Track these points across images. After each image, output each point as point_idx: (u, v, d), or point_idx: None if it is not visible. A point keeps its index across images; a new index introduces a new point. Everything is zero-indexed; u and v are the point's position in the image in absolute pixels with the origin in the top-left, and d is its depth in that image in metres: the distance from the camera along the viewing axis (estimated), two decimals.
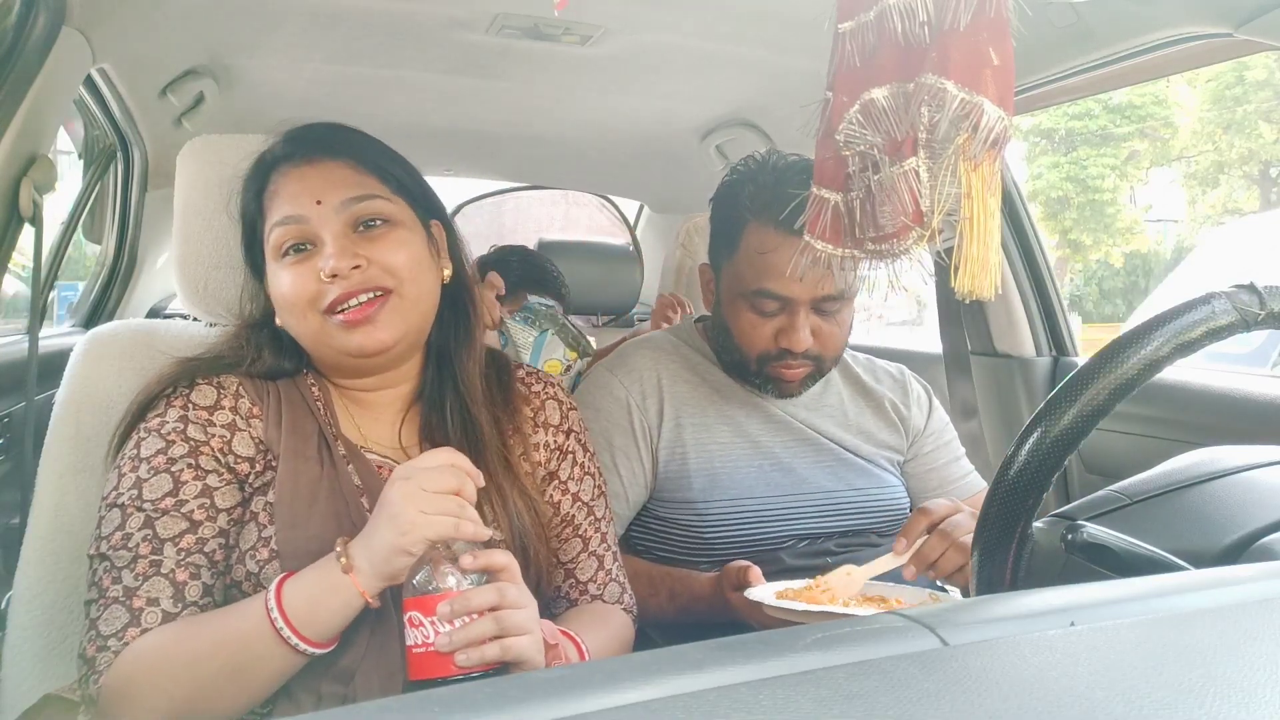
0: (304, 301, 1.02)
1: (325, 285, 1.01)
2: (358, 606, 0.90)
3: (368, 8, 1.65)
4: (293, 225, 1.04)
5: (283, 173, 1.07)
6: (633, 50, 1.82)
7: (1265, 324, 0.75)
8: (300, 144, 1.08)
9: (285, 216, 1.04)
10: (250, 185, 1.10)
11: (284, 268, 1.04)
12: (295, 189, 1.05)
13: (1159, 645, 0.49)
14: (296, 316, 1.04)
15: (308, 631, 0.89)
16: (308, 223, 1.03)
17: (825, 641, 0.48)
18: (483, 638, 0.87)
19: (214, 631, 0.93)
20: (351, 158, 1.07)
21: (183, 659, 0.91)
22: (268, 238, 1.06)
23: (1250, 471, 0.86)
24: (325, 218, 1.03)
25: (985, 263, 0.79)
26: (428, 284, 1.08)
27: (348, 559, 0.90)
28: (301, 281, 1.02)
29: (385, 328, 1.03)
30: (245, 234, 1.11)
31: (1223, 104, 16.26)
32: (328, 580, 0.90)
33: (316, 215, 1.03)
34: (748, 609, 1.22)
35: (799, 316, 1.40)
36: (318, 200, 1.03)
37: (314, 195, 1.03)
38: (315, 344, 1.06)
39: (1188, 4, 1.34)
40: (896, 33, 0.80)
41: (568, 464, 1.19)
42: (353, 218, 1.04)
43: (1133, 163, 17.62)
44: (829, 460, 1.52)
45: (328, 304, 1.01)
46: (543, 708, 0.40)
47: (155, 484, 0.99)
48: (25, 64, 1.26)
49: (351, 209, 1.04)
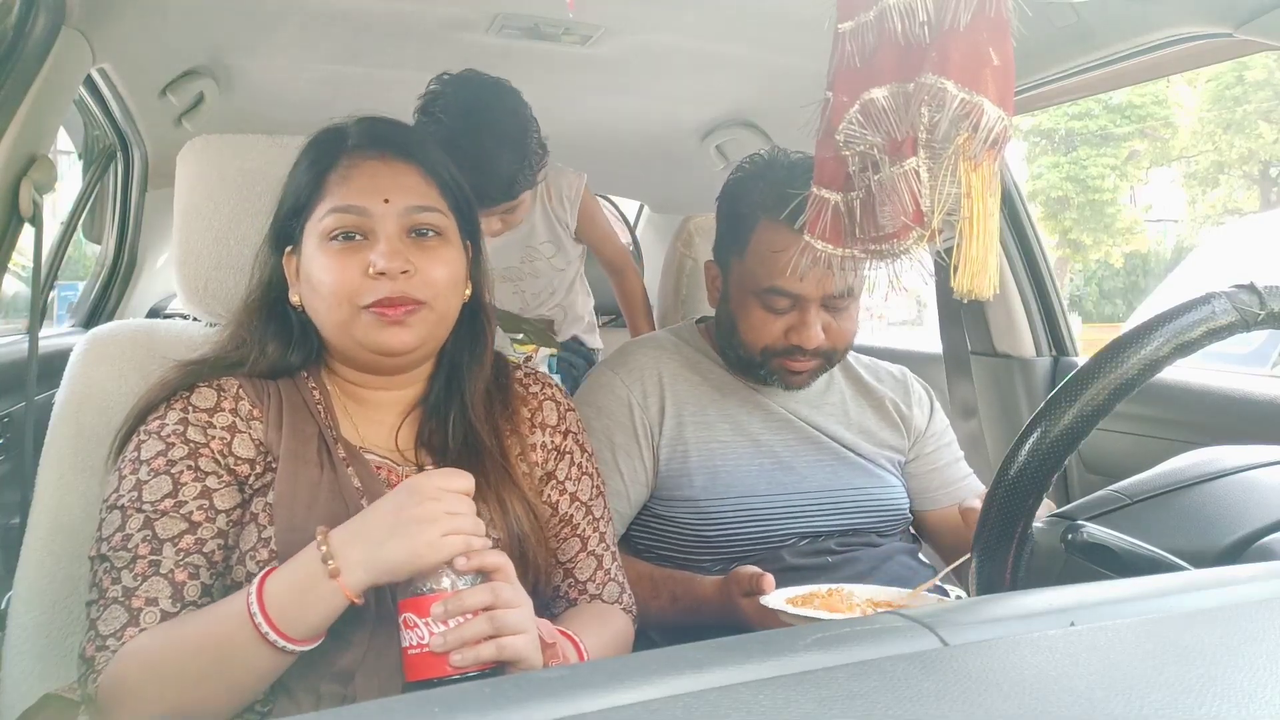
0: (344, 290, 1.02)
1: (370, 281, 1.02)
2: (342, 605, 0.89)
3: (368, 8, 1.65)
4: (353, 215, 1.04)
5: (355, 161, 1.07)
6: (633, 50, 1.82)
7: (1265, 324, 0.75)
8: (377, 138, 1.09)
9: (349, 205, 1.04)
10: (314, 159, 1.09)
11: (329, 252, 1.04)
12: (365, 182, 1.05)
13: (1159, 645, 0.49)
14: (329, 302, 1.04)
15: (291, 630, 0.88)
16: (369, 216, 1.04)
17: (825, 641, 0.48)
18: (477, 637, 0.87)
19: (199, 631, 0.92)
20: (421, 164, 1.09)
21: (171, 658, 0.91)
22: (318, 217, 1.06)
23: (1250, 471, 0.87)
24: (387, 216, 1.04)
25: (985, 263, 0.79)
26: (455, 302, 1.10)
27: (335, 561, 0.88)
28: (346, 271, 1.03)
29: (412, 333, 1.04)
30: (287, 202, 1.10)
31: (1223, 104, 16.26)
32: (311, 580, 0.89)
33: (380, 211, 1.04)
34: (759, 615, 1.22)
35: (810, 314, 1.40)
36: (385, 199, 1.04)
37: (382, 193, 1.04)
38: (338, 333, 1.06)
39: (1188, 4, 1.34)
40: (896, 33, 0.80)
41: (565, 464, 1.20)
42: (411, 224, 1.05)
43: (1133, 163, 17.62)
44: (830, 459, 1.52)
45: (369, 301, 1.02)
46: (543, 708, 0.40)
47: (155, 486, 0.99)
48: (25, 64, 1.26)
49: (413, 216, 1.05)
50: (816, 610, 1.14)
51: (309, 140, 1.12)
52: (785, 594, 1.21)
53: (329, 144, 1.10)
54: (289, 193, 1.10)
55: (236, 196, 1.21)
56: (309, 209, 1.07)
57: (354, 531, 0.90)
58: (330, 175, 1.07)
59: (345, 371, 1.12)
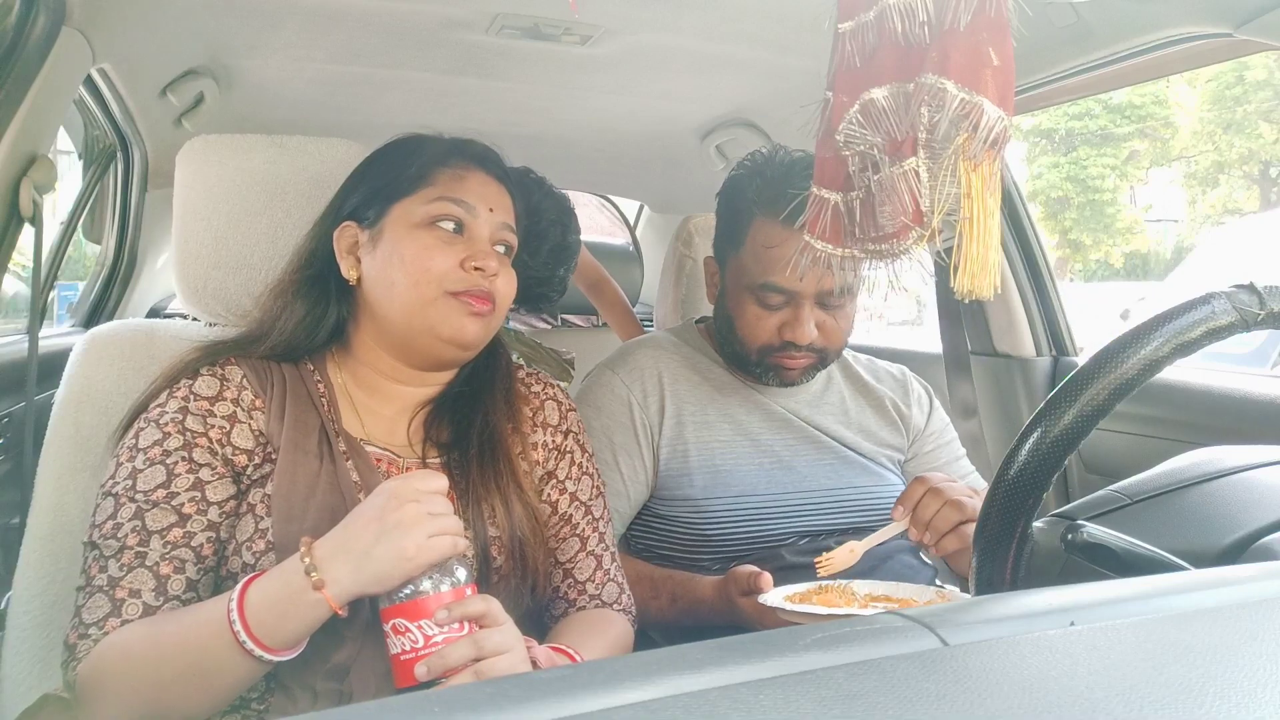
0: (436, 272, 1.07)
1: (462, 272, 1.08)
2: (324, 616, 0.89)
3: (368, 8, 1.65)
4: (462, 209, 1.11)
5: (469, 167, 1.15)
6: (633, 50, 1.82)
7: (1265, 324, 0.75)
8: (486, 158, 1.18)
9: (459, 199, 1.11)
10: (430, 156, 1.15)
11: (428, 234, 1.09)
12: (478, 189, 1.14)
13: (1159, 645, 0.49)
14: (416, 279, 1.07)
15: (269, 640, 0.88)
16: (473, 216, 1.12)
17: (825, 641, 0.48)
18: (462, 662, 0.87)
19: (179, 633, 0.92)
20: (513, 192, 1.19)
21: (150, 657, 0.91)
22: (422, 201, 1.11)
23: (1250, 471, 0.86)
24: (485, 223, 1.13)
25: (985, 262, 0.78)
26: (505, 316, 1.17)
27: (318, 574, 0.87)
28: (444, 256, 1.08)
29: (484, 328, 1.11)
30: (374, 181, 1.14)
31: (1223, 104, 16.26)
32: (293, 592, 0.88)
33: (483, 217, 1.13)
34: (758, 614, 1.22)
35: (804, 310, 1.41)
36: (490, 208, 1.13)
37: (489, 203, 1.13)
38: (412, 312, 1.08)
39: (1188, 4, 1.34)
40: (896, 33, 0.80)
41: (565, 463, 1.20)
42: (498, 238, 1.15)
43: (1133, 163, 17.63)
44: (830, 458, 1.52)
45: (459, 288, 1.08)
46: (543, 708, 0.40)
47: (149, 475, 0.99)
48: (25, 64, 1.26)
49: (501, 232, 1.15)
50: (814, 606, 1.14)
51: (397, 139, 1.18)
52: (783, 592, 1.21)
53: (446, 147, 1.17)
54: (378, 173, 1.15)
55: (236, 196, 1.21)
56: (409, 193, 1.11)
57: (338, 542, 0.90)
58: (441, 170, 1.13)
59: (373, 359, 1.13)
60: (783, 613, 1.14)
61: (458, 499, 1.07)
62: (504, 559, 1.07)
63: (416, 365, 1.13)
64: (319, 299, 1.13)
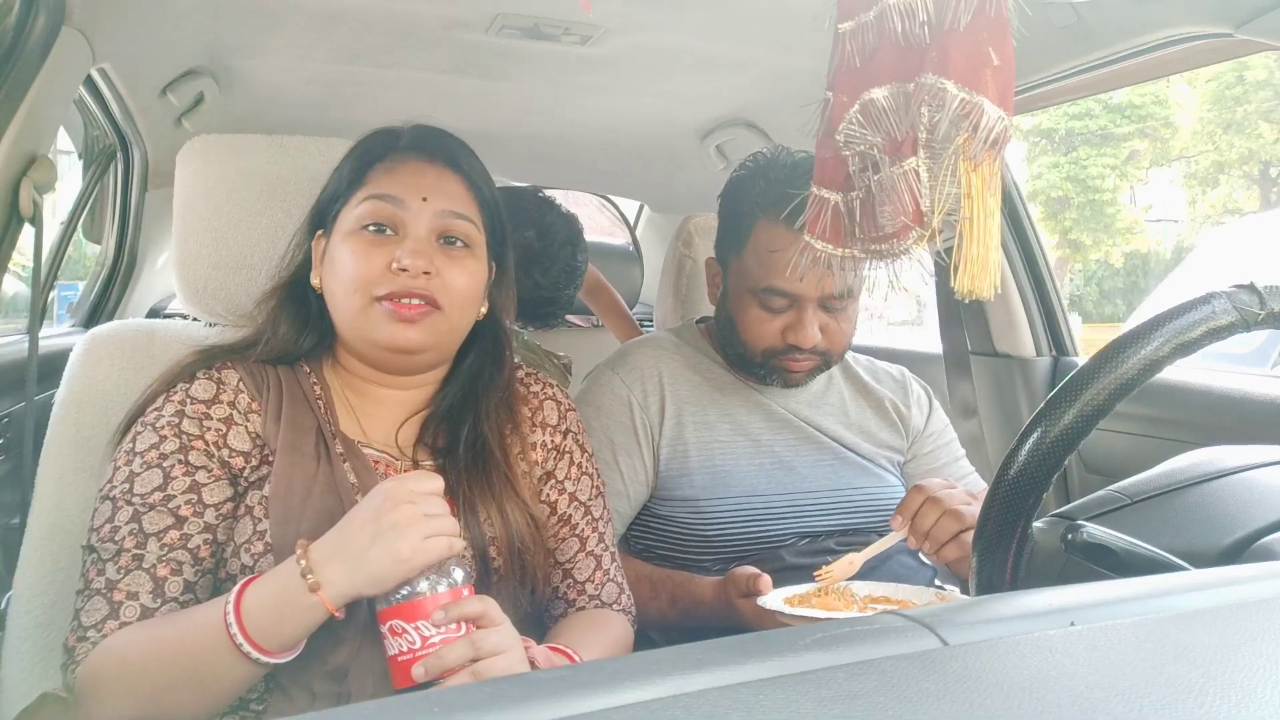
0: (362, 280, 1.04)
1: (390, 274, 1.03)
2: (321, 619, 0.89)
3: (368, 8, 1.65)
4: (387, 205, 1.05)
5: (402, 158, 1.09)
6: (633, 50, 1.82)
7: (1265, 324, 0.75)
8: (428, 142, 1.11)
9: (385, 194, 1.06)
10: (362, 152, 1.12)
11: (356, 240, 1.05)
12: (408, 178, 1.07)
13: (1159, 645, 0.49)
14: (346, 290, 1.05)
15: (266, 643, 0.88)
16: (404, 210, 1.05)
17: (825, 641, 0.48)
18: (459, 662, 0.87)
19: (176, 636, 0.92)
20: (465, 175, 1.11)
21: (148, 660, 0.91)
22: (353, 204, 1.07)
23: (1250, 471, 0.86)
24: (420, 215, 1.06)
25: (985, 263, 0.79)
26: (470, 315, 1.11)
27: (315, 576, 0.87)
28: (368, 261, 1.04)
29: (420, 333, 1.05)
30: (328, 187, 1.12)
31: (1223, 104, 16.26)
32: (290, 595, 0.88)
33: (415, 208, 1.05)
34: (757, 616, 1.22)
35: (807, 313, 1.40)
36: (424, 197, 1.06)
37: (422, 191, 1.06)
38: (350, 321, 1.06)
39: (1188, 4, 1.34)
40: (896, 33, 0.80)
41: (565, 464, 1.20)
42: (443, 228, 1.07)
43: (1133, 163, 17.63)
44: (830, 459, 1.52)
45: (384, 292, 1.03)
46: (543, 708, 0.40)
47: (146, 478, 0.99)
48: (25, 64, 1.26)
49: (446, 220, 1.07)
50: (813, 609, 1.14)
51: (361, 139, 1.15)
52: (783, 594, 1.21)
53: (380, 140, 1.12)
54: (331, 179, 1.13)
55: (236, 196, 1.21)
56: (347, 195, 1.09)
57: (334, 545, 0.90)
58: (375, 167, 1.09)
59: (353, 365, 1.12)
60: (781, 616, 1.13)
61: (454, 501, 1.06)
62: (503, 560, 1.07)
63: (387, 370, 1.11)
64: (301, 307, 1.12)
